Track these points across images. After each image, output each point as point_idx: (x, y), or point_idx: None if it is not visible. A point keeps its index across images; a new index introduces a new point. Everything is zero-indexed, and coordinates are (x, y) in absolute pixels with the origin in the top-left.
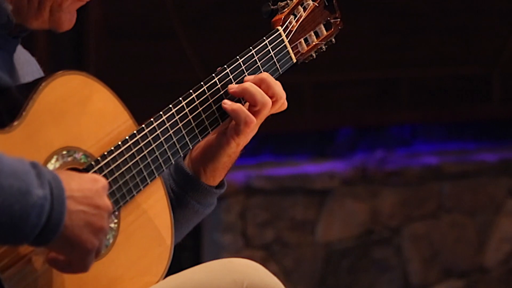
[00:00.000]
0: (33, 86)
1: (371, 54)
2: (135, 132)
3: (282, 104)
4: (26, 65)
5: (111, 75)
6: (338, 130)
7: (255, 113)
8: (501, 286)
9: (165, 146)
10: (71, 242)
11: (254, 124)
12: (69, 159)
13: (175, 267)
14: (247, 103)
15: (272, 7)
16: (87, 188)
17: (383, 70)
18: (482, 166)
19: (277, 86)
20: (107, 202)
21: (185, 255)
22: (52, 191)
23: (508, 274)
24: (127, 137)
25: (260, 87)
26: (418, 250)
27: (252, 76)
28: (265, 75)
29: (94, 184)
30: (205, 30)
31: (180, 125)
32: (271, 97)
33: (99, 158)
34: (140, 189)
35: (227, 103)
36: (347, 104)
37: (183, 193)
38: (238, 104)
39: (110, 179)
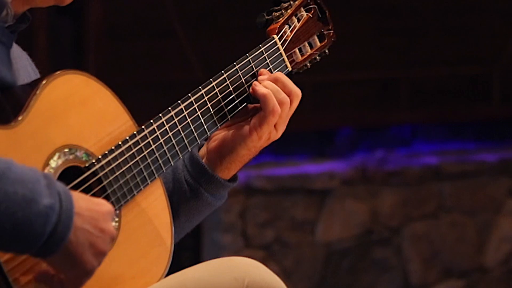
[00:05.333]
0: (35, 85)
1: (371, 54)
2: (135, 132)
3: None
4: (19, 59)
5: (111, 75)
6: (338, 130)
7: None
8: (501, 286)
9: (165, 148)
10: (72, 260)
11: (278, 114)
12: (71, 156)
13: (175, 267)
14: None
15: (266, 17)
16: (94, 210)
17: (383, 70)
18: (482, 166)
19: (291, 84)
20: (111, 227)
21: (185, 255)
22: (61, 203)
23: (508, 274)
24: (127, 137)
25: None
26: (418, 250)
27: (266, 76)
28: (279, 74)
29: (101, 207)
30: (205, 30)
31: (179, 127)
32: (288, 95)
33: (100, 156)
34: (141, 189)
35: (258, 85)
36: (347, 104)
37: (197, 185)
38: (268, 90)
39: (111, 178)
